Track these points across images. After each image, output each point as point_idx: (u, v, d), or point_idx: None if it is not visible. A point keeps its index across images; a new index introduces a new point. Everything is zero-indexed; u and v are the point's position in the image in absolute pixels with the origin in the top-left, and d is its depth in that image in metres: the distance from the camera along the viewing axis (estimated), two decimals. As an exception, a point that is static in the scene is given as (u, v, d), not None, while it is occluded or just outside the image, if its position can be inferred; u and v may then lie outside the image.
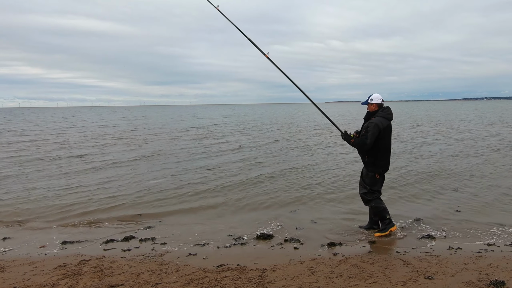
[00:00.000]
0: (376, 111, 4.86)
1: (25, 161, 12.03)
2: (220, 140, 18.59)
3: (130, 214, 6.23)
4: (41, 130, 26.98)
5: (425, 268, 3.82)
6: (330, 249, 4.54)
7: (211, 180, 8.74)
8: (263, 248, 4.64)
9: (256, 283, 3.53)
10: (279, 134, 21.30)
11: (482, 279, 3.54)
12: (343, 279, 3.61)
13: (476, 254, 4.24)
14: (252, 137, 20.00)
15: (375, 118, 4.79)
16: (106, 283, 3.59)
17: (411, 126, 26.24)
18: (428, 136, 18.66)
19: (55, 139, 19.77)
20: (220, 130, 25.43)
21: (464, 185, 7.88)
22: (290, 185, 8.20)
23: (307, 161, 11.53)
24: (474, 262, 3.98)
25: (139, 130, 26.64)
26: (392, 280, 3.55)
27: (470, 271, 3.75)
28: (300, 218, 5.87)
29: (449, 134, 19.94)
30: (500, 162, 10.76)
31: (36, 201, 7.02)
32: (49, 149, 15.47)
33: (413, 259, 4.09)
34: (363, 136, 4.70)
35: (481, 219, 5.68)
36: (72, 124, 35.81)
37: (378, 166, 4.83)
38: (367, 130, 4.70)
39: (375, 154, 4.79)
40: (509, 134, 19.12)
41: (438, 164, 10.50)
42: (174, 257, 4.32)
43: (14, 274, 3.86)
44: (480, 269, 3.79)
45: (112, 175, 9.52)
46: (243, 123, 32.78)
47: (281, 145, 15.80)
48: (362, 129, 4.89)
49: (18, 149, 15.51)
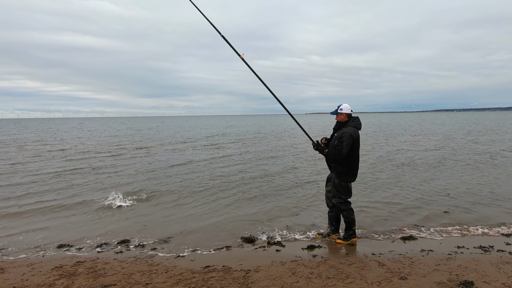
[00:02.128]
0: (347, 121, 4.84)
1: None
2: (214, 149, 18.81)
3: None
4: (83, 138, 27.18)
5: (399, 269, 3.96)
6: (310, 251, 4.67)
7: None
8: (247, 251, 4.76)
9: (240, 283, 3.67)
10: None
11: (453, 280, 3.67)
12: (322, 279, 3.74)
13: (446, 256, 4.39)
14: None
15: (347, 128, 4.73)
16: (100, 283, 3.72)
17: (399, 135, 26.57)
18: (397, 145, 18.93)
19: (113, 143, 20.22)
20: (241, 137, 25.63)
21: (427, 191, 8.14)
22: (271, 191, 8.41)
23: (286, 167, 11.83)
24: (445, 263, 4.12)
25: (171, 137, 27.55)
26: (368, 281, 3.68)
27: (441, 272, 3.89)
28: (282, 223, 5.98)
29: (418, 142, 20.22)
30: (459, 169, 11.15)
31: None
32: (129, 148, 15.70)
33: (387, 260, 4.23)
34: (338, 146, 4.63)
35: (447, 220, 5.96)
36: (104, 132, 36.68)
37: (351, 175, 4.82)
38: (341, 140, 4.63)
39: (348, 164, 4.74)
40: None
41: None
42: (163, 258, 4.46)
43: (14, 275, 3.99)
44: (451, 270, 3.93)
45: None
46: (261, 133, 33.06)
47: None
48: (334, 139, 4.83)
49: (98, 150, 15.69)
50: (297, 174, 10.60)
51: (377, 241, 5.05)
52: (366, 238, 5.21)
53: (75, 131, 41.46)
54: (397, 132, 31.02)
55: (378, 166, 11.87)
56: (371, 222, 5.89)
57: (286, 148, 18.25)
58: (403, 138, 24.37)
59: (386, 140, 22.30)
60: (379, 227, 5.66)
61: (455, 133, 28.62)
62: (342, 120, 4.87)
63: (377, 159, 13.70)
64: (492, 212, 6.39)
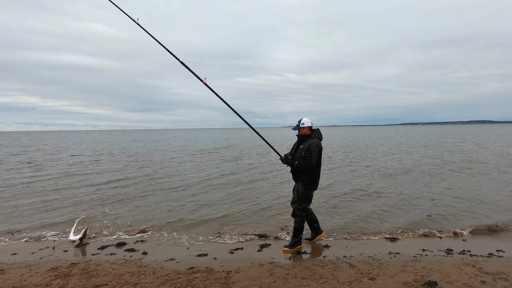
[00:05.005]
0: (310, 133, 4.93)
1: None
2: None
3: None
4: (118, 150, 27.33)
5: (368, 270, 4.14)
6: (287, 253, 4.86)
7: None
8: (228, 254, 4.93)
9: (222, 283, 3.84)
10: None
11: (418, 280, 3.84)
12: (297, 279, 3.91)
13: (412, 258, 4.57)
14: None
15: (313, 140, 4.80)
16: (92, 283, 3.89)
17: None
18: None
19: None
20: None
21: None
22: (254, 198, 8.69)
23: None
24: (410, 265, 4.30)
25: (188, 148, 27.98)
26: (340, 281, 3.86)
27: (407, 273, 4.06)
28: (261, 227, 6.19)
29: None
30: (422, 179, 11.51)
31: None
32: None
33: (358, 262, 4.42)
34: (308, 157, 4.69)
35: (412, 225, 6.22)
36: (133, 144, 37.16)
37: (315, 183, 4.90)
38: (310, 151, 4.69)
39: (313, 173, 4.80)
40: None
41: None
42: (151, 260, 4.64)
43: (13, 275, 4.16)
44: (416, 271, 4.11)
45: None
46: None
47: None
48: (300, 151, 4.84)
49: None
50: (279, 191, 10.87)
51: (348, 244, 5.23)
52: (337, 241, 5.42)
53: (124, 143, 41.04)
54: (378, 143, 32.02)
55: (357, 173, 12.15)
56: (344, 226, 6.14)
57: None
58: (381, 148, 25.01)
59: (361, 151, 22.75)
60: (350, 231, 5.90)
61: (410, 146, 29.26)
62: (306, 133, 4.92)
63: (354, 169, 14.03)
64: (454, 218, 6.65)
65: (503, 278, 3.90)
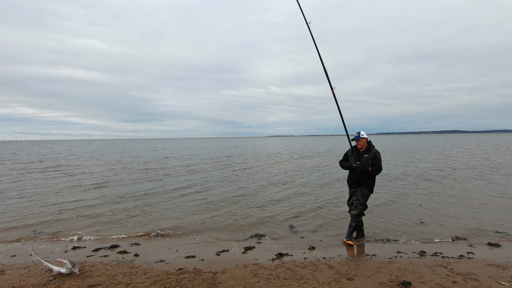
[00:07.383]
0: (370, 142, 5.45)
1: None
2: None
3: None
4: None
5: (346, 271, 4.27)
6: (270, 255, 5.00)
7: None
8: (215, 256, 5.07)
9: (209, 283, 3.96)
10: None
11: (393, 280, 3.96)
12: (280, 280, 4.03)
13: (388, 259, 4.72)
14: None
15: (374, 148, 5.40)
16: (87, 283, 4.01)
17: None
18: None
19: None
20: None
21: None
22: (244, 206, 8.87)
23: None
24: (386, 266, 4.44)
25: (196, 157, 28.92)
26: (320, 281, 3.97)
27: (383, 273, 4.19)
28: (246, 231, 6.39)
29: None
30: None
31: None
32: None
33: (336, 263, 4.56)
34: (378, 163, 5.26)
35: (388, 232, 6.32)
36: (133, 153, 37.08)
37: (374, 186, 5.47)
38: (377, 159, 5.26)
39: (374, 178, 5.41)
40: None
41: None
42: (142, 262, 4.78)
43: (12, 276, 4.28)
44: (391, 272, 4.24)
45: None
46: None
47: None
48: (364, 159, 5.31)
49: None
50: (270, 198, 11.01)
51: (328, 247, 5.39)
52: (318, 243, 5.59)
53: (133, 152, 40.88)
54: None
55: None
56: (325, 230, 6.32)
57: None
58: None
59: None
60: (331, 234, 6.09)
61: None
62: (365, 142, 5.43)
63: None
64: (430, 226, 6.78)
65: (473, 279, 4.02)
